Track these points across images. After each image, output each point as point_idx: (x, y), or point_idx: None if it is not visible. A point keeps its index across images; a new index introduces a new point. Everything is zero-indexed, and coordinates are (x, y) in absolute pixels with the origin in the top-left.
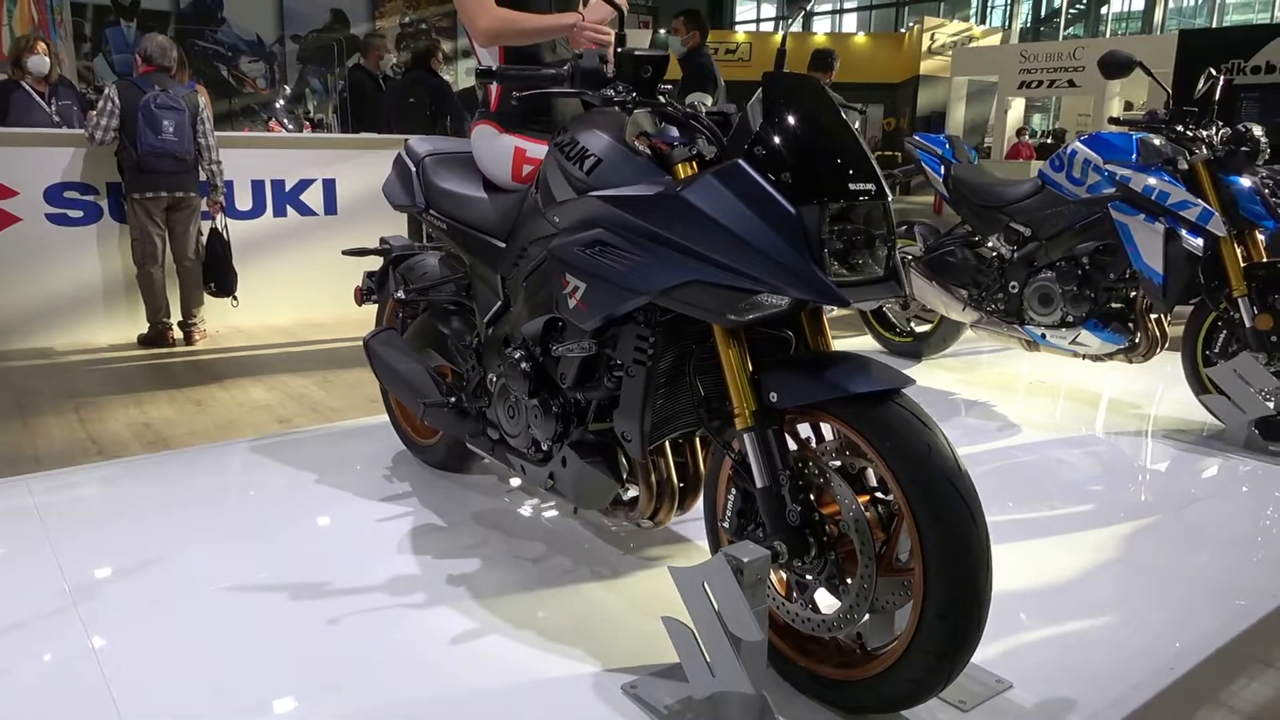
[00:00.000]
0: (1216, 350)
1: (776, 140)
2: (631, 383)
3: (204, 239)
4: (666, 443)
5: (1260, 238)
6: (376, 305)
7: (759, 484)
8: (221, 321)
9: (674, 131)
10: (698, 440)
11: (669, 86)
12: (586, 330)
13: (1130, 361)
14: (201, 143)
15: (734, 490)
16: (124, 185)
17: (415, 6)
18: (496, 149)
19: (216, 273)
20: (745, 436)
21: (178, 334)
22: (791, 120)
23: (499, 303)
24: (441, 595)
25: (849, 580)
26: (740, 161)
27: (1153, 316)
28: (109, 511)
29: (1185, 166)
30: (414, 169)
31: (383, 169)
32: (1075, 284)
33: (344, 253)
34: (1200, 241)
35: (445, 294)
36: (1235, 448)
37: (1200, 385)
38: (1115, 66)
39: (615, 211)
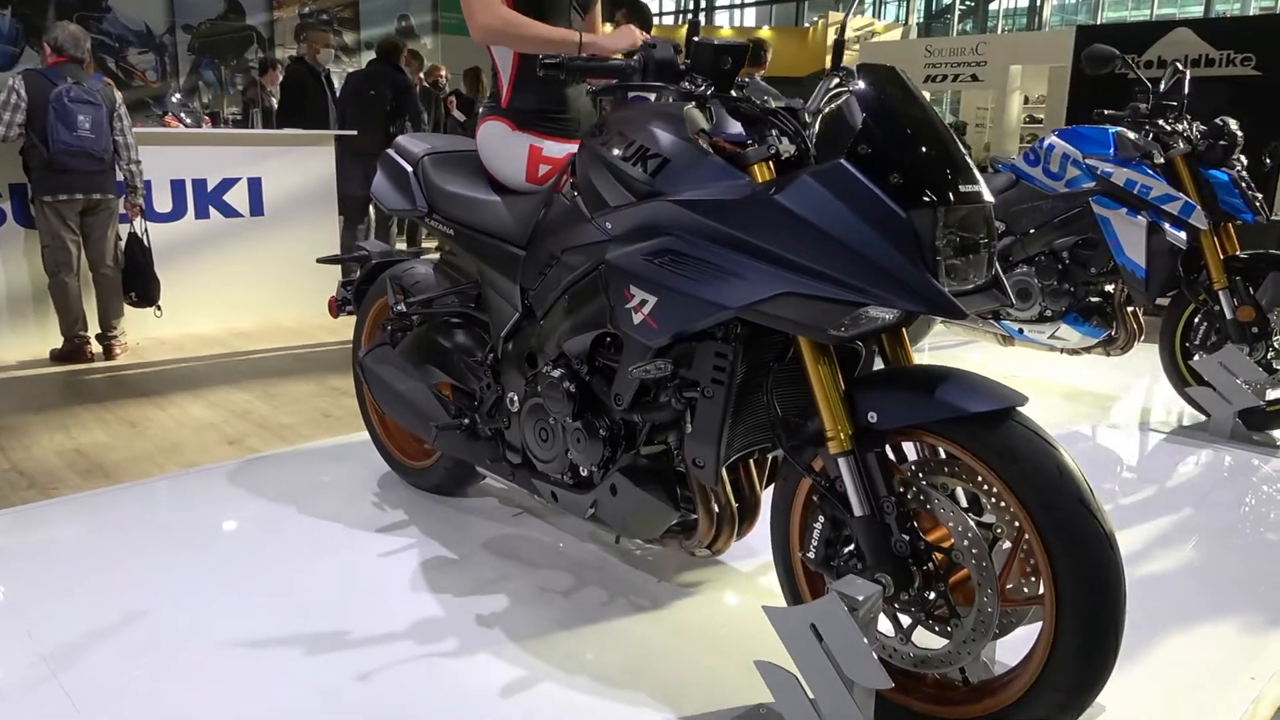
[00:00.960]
0: (1196, 342)
1: (882, 138)
2: (708, 404)
3: (122, 244)
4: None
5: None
6: (354, 317)
7: (858, 512)
8: (142, 333)
9: (735, 128)
10: (752, 461)
11: (748, 80)
12: (653, 347)
13: (1108, 354)
14: (119, 140)
15: (821, 518)
16: (31, 187)
17: None
18: (509, 148)
19: (137, 281)
20: (841, 461)
21: (96, 348)
22: (894, 117)
23: (517, 315)
24: (476, 640)
25: (962, 612)
26: (843, 161)
27: (1129, 309)
28: (66, 560)
29: (1160, 160)
30: (410, 169)
31: (313, 166)
32: (1054, 278)
33: (319, 260)
34: (1183, 235)
35: (451, 306)
36: (1221, 439)
37: (1180, 378)
38: (1098, 60)
39: (692, 217)
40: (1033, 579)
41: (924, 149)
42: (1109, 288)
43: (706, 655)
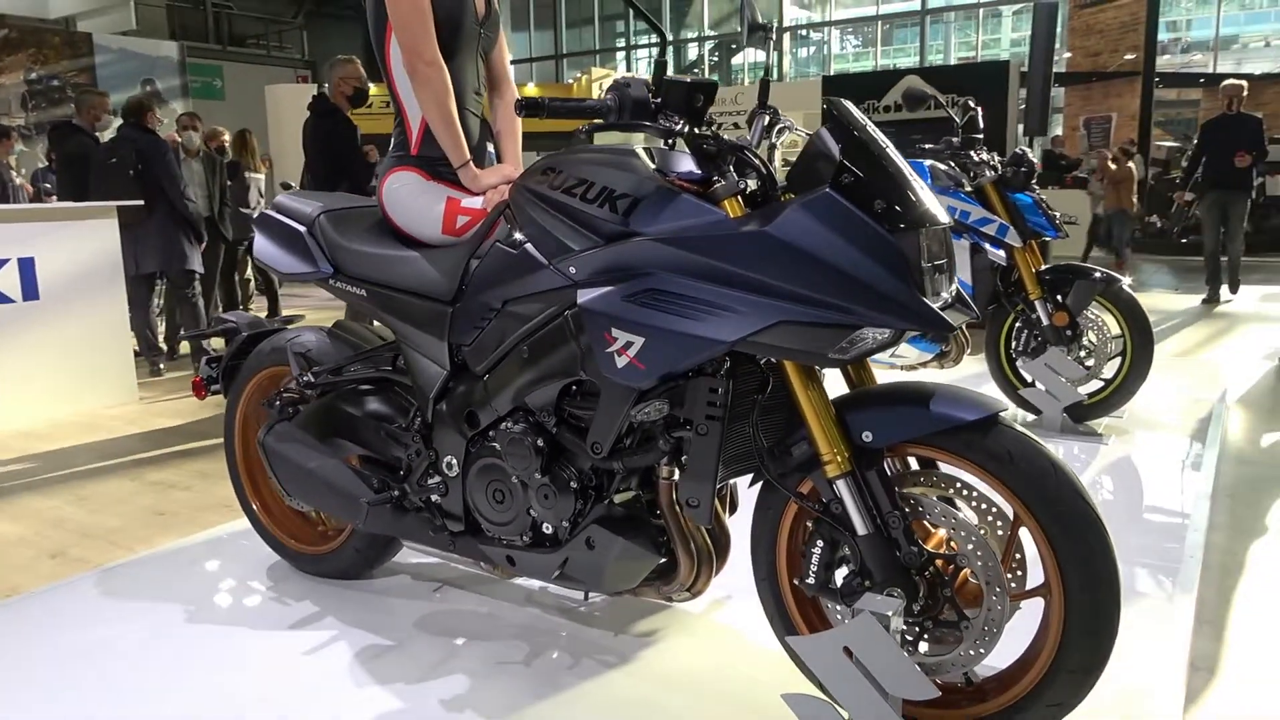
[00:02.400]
0: (1018, 349)
1: (861, 168)
2: (703, 441)
3: None
4: None
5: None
6: (223, 395)
7: (861, 530)
8: None
9: (687, 165)
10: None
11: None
12: (638, 390)
13: (941, 367)
14: None
15: (819, 543)
16: None
17: (42, 61)
18: (423, 199)
19: None
20: (840, 483)
21: None
22: (867, 147)
23: (445, 374)
24: None
25: (970, 614)
26: (830, 190)
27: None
28: None
29: (969, 188)
30: (305, 230)
31: (95, 241)
32: None
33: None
34: (1002, 253)
35: (367, 371)
36: (1054, 433)
37: (1008, 383)
38: (915, 100)
39: (677, 253)
40: (1019, 573)
41: (896, 177)
42: None
43: (693, 700)
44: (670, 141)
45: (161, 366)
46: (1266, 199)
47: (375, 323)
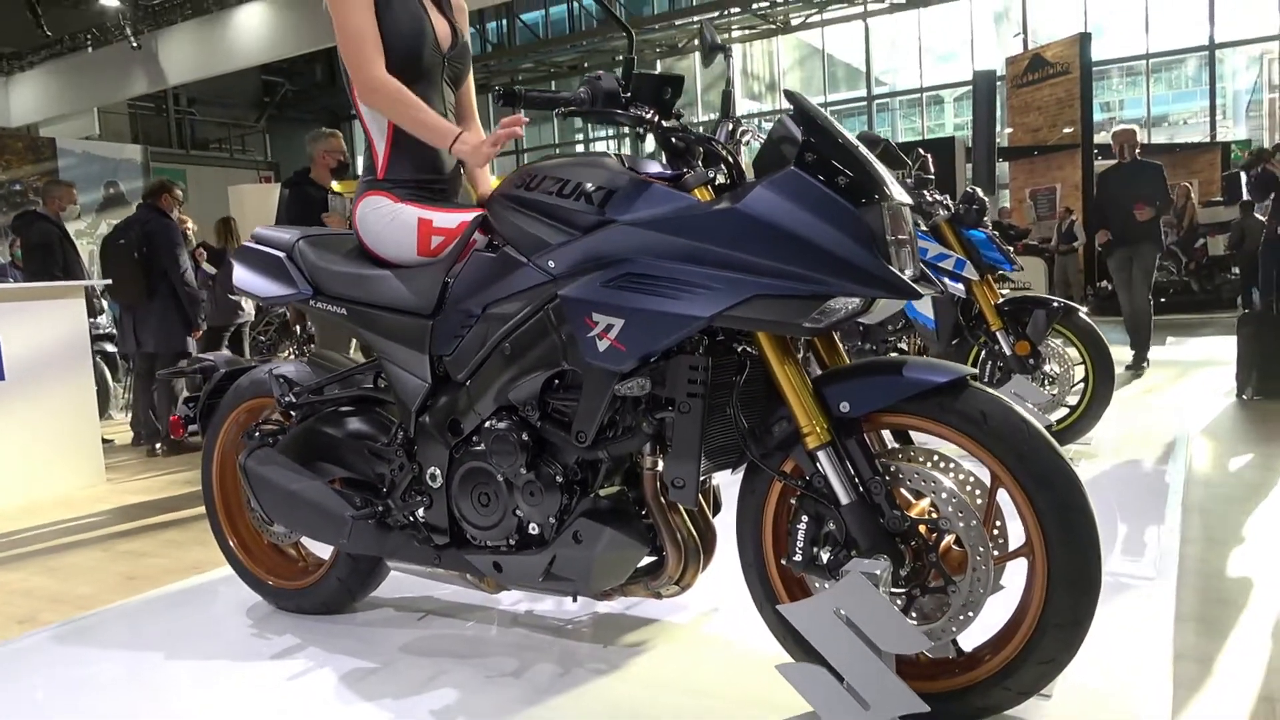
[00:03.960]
0: (985, 380)
1: (823, 147)
2: (685, 419)
3: None
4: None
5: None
6: (200, 435)
7: (845, 500)
8: None
9: (654, 167)
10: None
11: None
12: (620, 372)
13: None
14: None
15: (803, 519)
16: None
17: (4, 166)
18: (395, 221)
19: None
20: (821, 454)
21: None
22: (828, 130)
23: (428, 386)
24: None
25: (956, 579)
26: (795, 168)
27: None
28: None
29: (924, 226)
30: (284, 255)
31: (62, 322)
32: (857, 339)
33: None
34: (961, 286)
35: (350, 389)
36: None
37: None
38: (870, 143)
39: (651, 235)
40: (1001, 540)
41: (857, 156)
42: (903, 344)
43: (683, 701)
44: (641, 131)
45: (159, 448)
46: (1209, 259)
47: (353, 352)
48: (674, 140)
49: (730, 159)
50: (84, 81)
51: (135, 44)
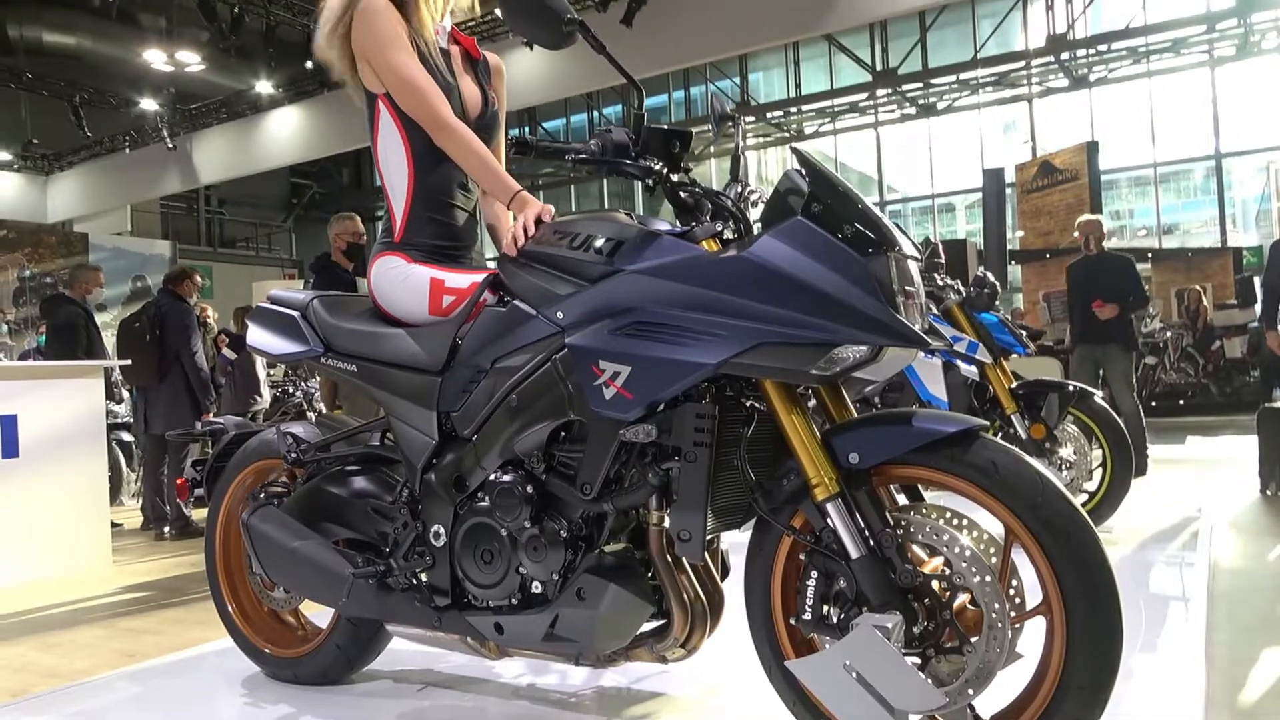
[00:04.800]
0: None
1: (830, 199)
2: (692, 468)
3: None
4: (685, 559)
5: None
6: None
7: (855, 554)
8: None
9: (662, 225)
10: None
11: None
12: (626, 420)
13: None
14: None
15: (813, 575)
16: None
17: (37, 259)
18: (408, 281)
19: None
20: (830, 505)
21: None
22: (834, 183)
23: (434, 443)
24: None
25: (973, 640)
26: (801, 217)
27: None
28: None
29: (936, 311)
30: (298, 314)
31: (79, 402)
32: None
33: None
34: (974, 368)
35: (356, 446)
36: None
37: None
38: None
39: (659, 283)
40: (1018, 600)
41: (863, 208)
42: None
43: None
44: (650, 183)
45: (168, 532)
46: (1227, 361)
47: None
48: (682, 194)
49: (738, 213)
50: (119, 180)
51: (171, 145)
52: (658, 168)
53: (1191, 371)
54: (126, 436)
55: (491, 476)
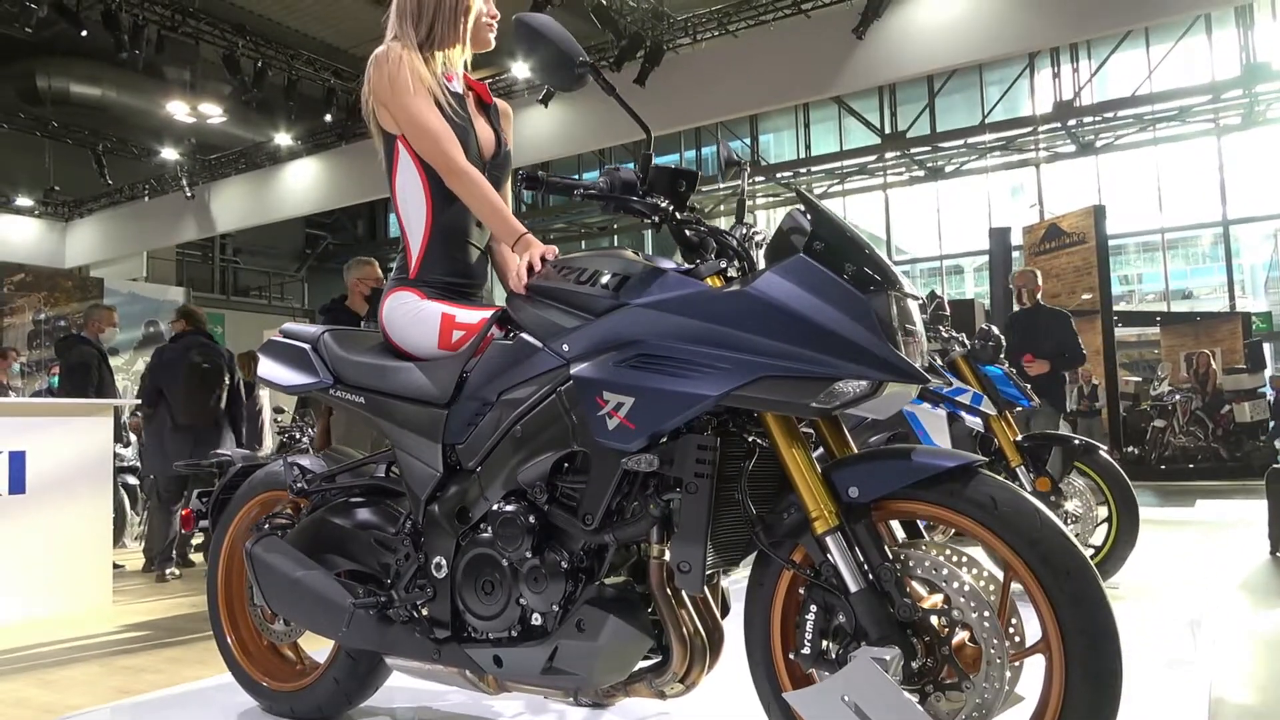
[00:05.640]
0: None
1: (831, 238)
2: (693, 499)
3: None
4: (684, 593)
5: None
6: (207, 534)
7: (854, 588)
8: None
9: (669, 263)
10: (708, 591)
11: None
12: (628, 450)
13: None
14: None
15: (812, 609)
16: None
17: (52, 303)
18: (419, 315)
19: None
20: (829, 539)
21: None
22: (835, 223)
23: (438, 475)
24: None
25: (972, 677)
26: (803, 255)
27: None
28: None
29: (940, 363)
30: (309, 347)
31: (89, 439)
32: None
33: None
34: (979, 420)
35: (362, 477)
36: None
37: None
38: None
39: (665, 317)
40: (1017, 639)
41: (864, 247)
42: None
43: None
44: (656, 220)
45: (171, 573)
46: (1236, 425)
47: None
48: (688, 233)
49: (742, 251)
50: (138, 227)
51: (190, 194)
52: (664, 205)
53: (1200, 435)
54: (132, 480)
55: (494, 507)
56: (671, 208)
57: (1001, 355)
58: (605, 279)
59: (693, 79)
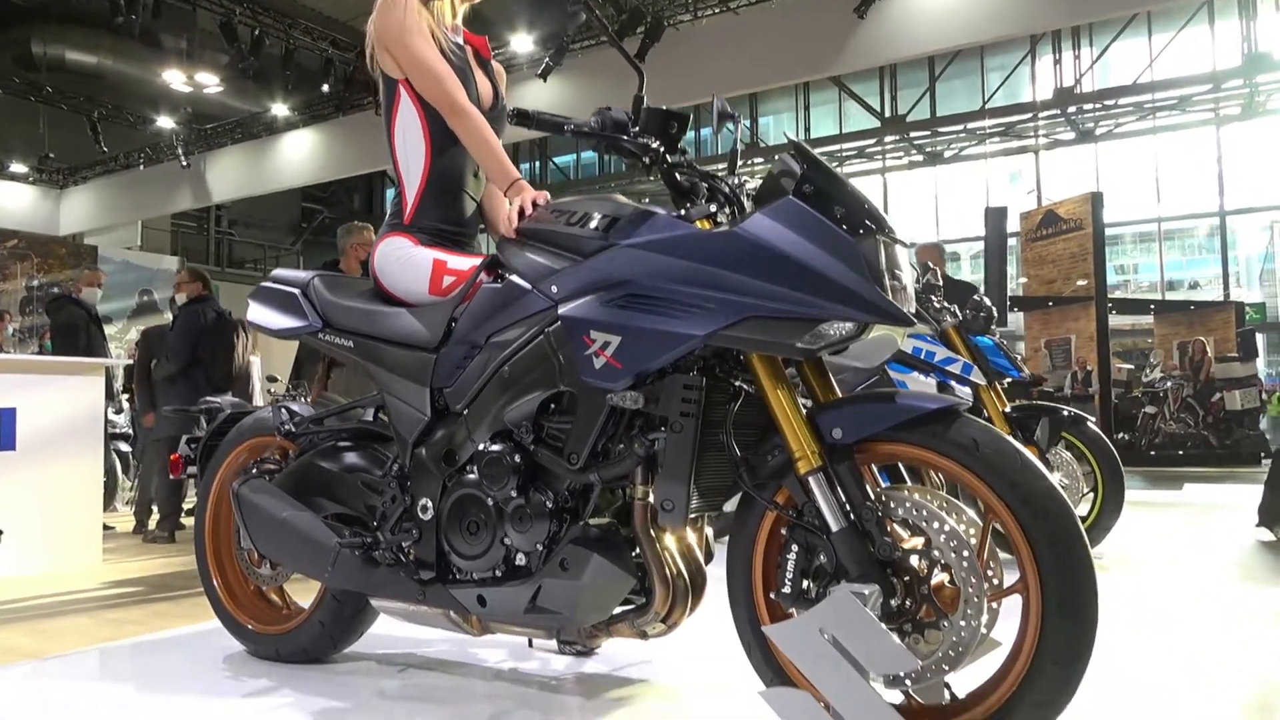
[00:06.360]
0: None
1: (821, 181)
2: (678, 439)
3: None
4: (667, 534)
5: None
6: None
7: (835, 526)
8: None
9: (661, 210)
10: (693, 533)
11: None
12: (617, 388)
13: None
14: None
15: (793, 548)
16: None
17: (46, 270)
18: (411, 260)
19: None
20: (812, 479)
21: None
22: (826, 168)
23: (426, 419)
24: None
25: (950, 616)
26: (793, 197)
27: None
28: None
29: (930, 333)
30: (298, 291)
31: (79, 397)
32: None
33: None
34: (968, 390)
35: (349, 420)
36: None
37: None
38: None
39: (654, 257)
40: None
41: (854, 192)
42: None
43: None
44: (646, 161)
45: (163, 533)
46: (1227, 413)
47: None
48: (678, 176)
49: (733, 195)
50: (132, 196)
51: (185, 163)
52: (655, 146)
53: (1191, 422)
54: (124, 447)
55: (481, 447)
56: (663, 149)
57: (993, 326)
58: (595, 221)
59: (693, 56)
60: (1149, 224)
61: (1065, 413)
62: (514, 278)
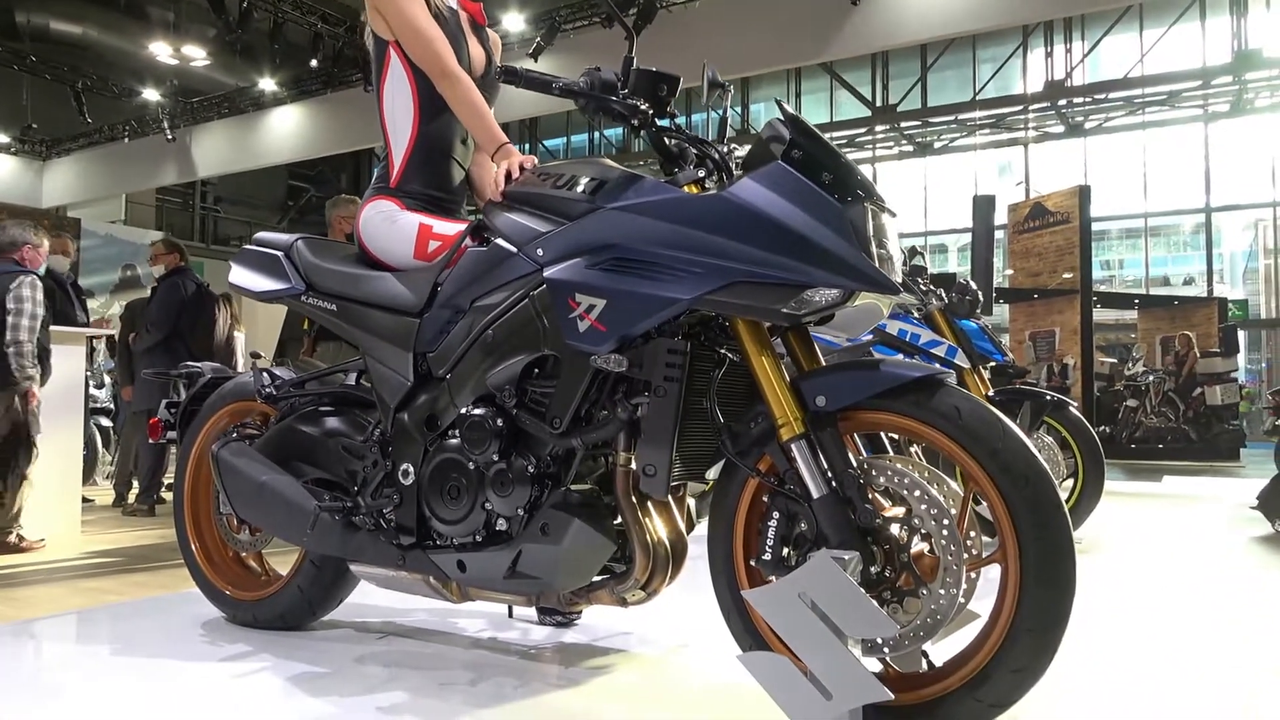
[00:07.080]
0: None
1: (809, 147)
2: (661, 403)
3: None
4: (649, 501)
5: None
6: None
7: (816, 493)
8: None
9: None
10: (675, 502)
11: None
12: (601, 352)
13: None
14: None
15: (774, 516)
16: None
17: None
18: (397, 224)
19: None
20: (794, 446)
21: None
22: (815, 134)
23: (409, 384)
24: None
25: (929, 584)
26: (781, 162)
27: (914, 447)
28: None
29: (916, 315)
30: (281, 254)
31: (60, 369)
32: None
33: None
34: (952, 373)
35: (331, 384)
36: None
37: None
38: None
39: (640, 220)
40: (975, 552)
41: (842, 158)
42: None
43: (635, 709)
44: (635, 123)
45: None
46: (1207, 409)
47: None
48: (667, 140)
49: (722, 161)
50: (116, 169)
51: (170, 137)
52: (644, 109)
53: (1171, 416)
54: (105, 422)
55: (463, 411)
56: (651, 112)
57: (978, 310)
58: (582, 184)
59: (684, 38)
60: (1135, 219)
61: (1048, 397)
62: (499, 241)
